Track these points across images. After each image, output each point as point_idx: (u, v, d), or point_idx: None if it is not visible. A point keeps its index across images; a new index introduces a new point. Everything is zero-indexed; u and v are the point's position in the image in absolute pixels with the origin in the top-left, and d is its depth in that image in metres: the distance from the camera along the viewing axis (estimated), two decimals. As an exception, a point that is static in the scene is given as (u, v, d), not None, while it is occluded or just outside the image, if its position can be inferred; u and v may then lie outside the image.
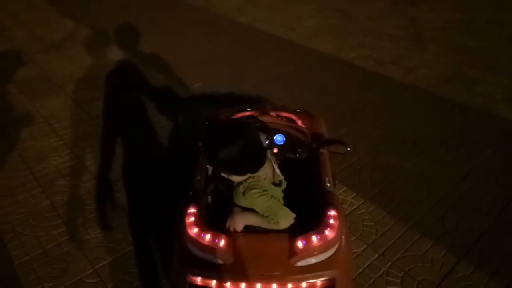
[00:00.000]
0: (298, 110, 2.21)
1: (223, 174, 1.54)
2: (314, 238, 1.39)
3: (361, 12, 5.27)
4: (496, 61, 3.92)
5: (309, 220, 1.48)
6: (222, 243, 1.39)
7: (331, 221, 1.44)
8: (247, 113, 1.98)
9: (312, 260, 1.40)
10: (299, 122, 2.02)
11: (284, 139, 1.88)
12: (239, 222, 1.45)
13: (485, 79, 3.58)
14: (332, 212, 1.47)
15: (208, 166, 1.66)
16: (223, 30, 4.79)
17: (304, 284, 1.39)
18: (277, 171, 1.56)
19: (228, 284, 1.38)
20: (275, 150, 1.87)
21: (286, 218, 1.42)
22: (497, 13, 5.17)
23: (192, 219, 1.46)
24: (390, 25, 4.82)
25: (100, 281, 1.81)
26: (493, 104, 3.20)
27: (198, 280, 1.40)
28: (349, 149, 1.82)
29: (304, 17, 5.11)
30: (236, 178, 1.45)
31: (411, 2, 5.58)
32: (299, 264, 1.39)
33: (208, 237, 1.40)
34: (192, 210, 1.49)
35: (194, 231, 1.42)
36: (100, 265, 1.89)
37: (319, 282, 1.40)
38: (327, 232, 1.41)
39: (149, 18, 5.03)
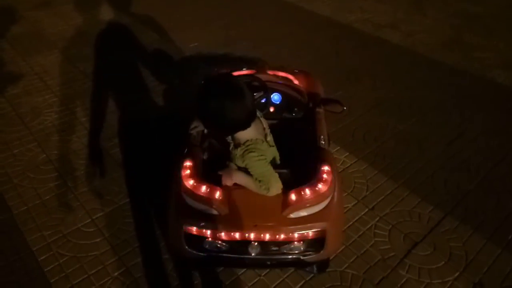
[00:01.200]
0: (295, 70, 2.21)
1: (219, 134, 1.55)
2: (307, 191, 1.43)
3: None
4: (494, 27, 3.88)
5: (303, 175, 1.52)
6: (217, 194, 1.43)
7: (324, 176, 1.48)
8: (245, 72, 1.97)
9: (305, 212, 1.45)
10: (296, 82, 2.02)
11: (281, 98, 1.89)
12: (230, 179, 1.47)
13: (483, 44, 3.56)
14: (326, 168, 1.51)
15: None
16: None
17: (296, 234, 1.45)
18: (269, 134, 1.55)
19: (222, 234, 1.44)
20: (272, 109, 1.88)
21: (277, 188, 1.45)
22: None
23: (188, 171, 1.49)
24: (391, -11, 4.70)
25: (97, 230, 1.87)
26: (489, 70, 3.20)
27: (194, 230, 1.45)
28: (345, 108, 1.83)
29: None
30: (241, 134, 1.44)
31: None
32: (292, 216, 1.44)
33: (203, 188, 1.44)
34: (188, 163, 1.53)
35: (190, 183, 1.46)
36: (97, 216, 1.94)
37: (311, 233, 1.45)
38: (319, 186, 1.45)
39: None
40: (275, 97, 1.89)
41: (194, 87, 1.86)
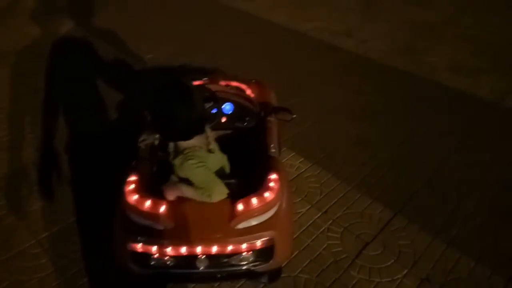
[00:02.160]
0: (249, 80, 2.23)
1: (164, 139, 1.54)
2: (253, 201, 1.42)
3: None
4: (443, 32, 4.08)
5: (252, 185, 1.51)
6: (161, 208, 1.39)
7: (271, 184, 1.48)
8: (197, 82, 1.97)
9: (252, 222, 1.43)
10: (248, 92, 2.03)
11: (233, 108, 1.89)
12: (171, 193, 1.46)
13: (432, 49, 3.73)
14: (273, 176, 1.51)
15: (153, 136, 1.65)
16: (179, 1, 4.65)
17: (244, 245, 1.43)
18: (212, 141, 1.55)
19: (168, 249, 1.40)
20: (224, 119, 1.88)
21: (220, 193, 1.44)
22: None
23: (131, 186, 1.45)
24: (346, -2, 4.86)
25: (43, 251, 1.79)
26: (438, 73, 3.35)
27: (139, 246, 1.41)
28: (294, 116, 1.85)
29: (262, -11, 5.04)
30: (182, 143, 1.44)
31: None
32: (240, 226, 1.42)
33: (147, 203, 1.40)
34: (132, 178, 1.49)
35: (133, 198, 1.42)
36: (44, 236, 1.86)
37: (259, 242, 1.44)
38: (266, 194, 1.44)
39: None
40: (227, 107, 1.89)
41: (148, 98, 1.85)
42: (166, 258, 1.44)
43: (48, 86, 2.97)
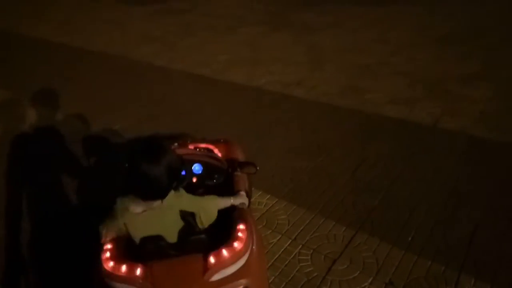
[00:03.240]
0: (217, 140, 2.43)
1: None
2: (223, 252, 1.51)
3: (268, 44, 5.86)
4: (380, 72, 4.63)
5: (222, 238, 1.59)
6: (137, 271, 1.45)
7: (239, 234, 1.58)
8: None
9: (225, 273, 1.51)
10: (216, 150, 2.24)
11: (202, 168, 2.09)
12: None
13: (373, 87, 4.21)
14: (241, 226, 1.62)
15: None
16: (140, 74, 5.03)
17: None
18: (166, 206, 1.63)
19: None
20: (194, 179, 2.05)
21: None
22: (382, 33, 6.08)
23: (108, 254, 1.51)
24: (294, 53, 5.43)
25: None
26: (380, 107, 3.78)
27: None
28: (258, 168, 2.05)
29: (218, 54, 5.55)
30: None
31: (310, 31, 6.33)
32: (214, 278, 1.49)
33: (123, 268, 1.46)
34: (108, 245, 1.54)
35: (110, 265, 1.47)
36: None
37: None
38: (235, 244, 1.54)
39: (67, 69, 5.11)
40: (196, 168, 2.02)
41: (119, 172, 1.95)
42: None
43: (11, 168, 3.02)
